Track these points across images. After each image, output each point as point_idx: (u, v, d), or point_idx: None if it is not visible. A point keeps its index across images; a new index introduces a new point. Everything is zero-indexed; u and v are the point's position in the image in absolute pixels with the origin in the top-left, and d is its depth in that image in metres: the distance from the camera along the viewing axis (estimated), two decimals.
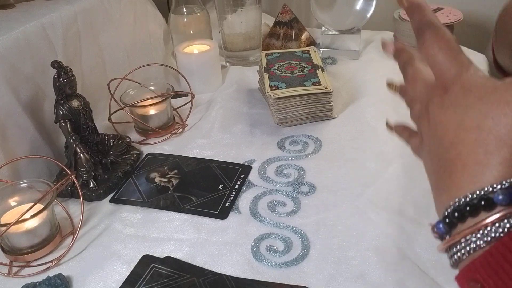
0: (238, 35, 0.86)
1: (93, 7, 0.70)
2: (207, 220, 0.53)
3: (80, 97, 0.58)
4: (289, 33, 0.89)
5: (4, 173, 0.54)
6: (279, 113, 0.67)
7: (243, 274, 0.46)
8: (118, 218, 0.54)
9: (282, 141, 0.66)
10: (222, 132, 0.69)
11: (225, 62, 0.89)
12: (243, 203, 0.55)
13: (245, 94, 0.78)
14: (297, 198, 0.55)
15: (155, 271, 0.46)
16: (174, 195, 0.57)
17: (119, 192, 0.58)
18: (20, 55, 0.57)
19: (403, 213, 0.51)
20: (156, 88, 0.71)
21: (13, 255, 0.49)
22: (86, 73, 0.69)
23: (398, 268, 0.45)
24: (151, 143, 0.68)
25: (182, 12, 0.86)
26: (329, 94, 0.67)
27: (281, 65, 0.73)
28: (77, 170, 0.57)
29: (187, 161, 0.63)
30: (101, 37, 0.72)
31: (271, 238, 0.50)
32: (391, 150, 0.61)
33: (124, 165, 0.62)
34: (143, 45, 0.82)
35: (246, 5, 0.83)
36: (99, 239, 0.51)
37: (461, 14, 0.86)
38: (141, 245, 0.50)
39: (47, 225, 0.50)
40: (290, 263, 0.46)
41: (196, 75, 0.77)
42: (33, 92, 0.59)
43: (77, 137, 0.57)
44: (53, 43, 0.62)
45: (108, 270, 0.47)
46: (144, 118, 0.68)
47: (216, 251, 0.49)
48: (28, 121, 0.58)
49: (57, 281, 0.45)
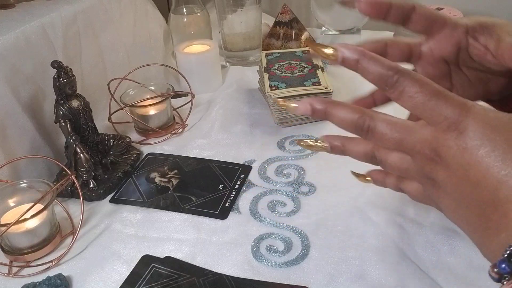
0: (238, 35, 0.86)
1: (93, 7, 0.70)
2: (207, 220, 0.53)
3: (80, 97, 0.58)
4: (289, 33, 0.89)
5: (4, 173, 0.54)
6: (279, 113, 0.67)
7: (243, 274, 0.46)
8: (118, 218, 0.54)
9: (282, 141, 0.66)
10: (222, 132, 0.69)
11: (225, 62, 0.89)
12: (243, 203, 0.55)
13: (245, 94, 0.78)
14: (297, 198, 0.55)
15: (155, 271, 0.46)
16: (174, 195, 0.57)
17: (119, 192, 0.58)
18: (20, 55, 0.57)
19: (403, 213, 0.51)
20: (156, 88, 0.71)
21: (13, 255, 0.49)
22: (86, 73, 0.69)
23: (398, 268, 0.45)
24: (151, 143, 0.68)
25: (182, 12, 0.86)
26: (329, 94, 0.67)
27: (281, 65, 0.73)
28: (77, 170, 0.57)
29: (187, 161, 0.63)
30: (101, 37, 0.72)
31: (271, 238, 0.50)
32: None
33: (124, 165, 0.62)
34: (143, 45, 0.82)
35: (246, 5, 0.83)
36: (99, 239, 0.51)
37: (461, 14, 0.86)
38: (141, 245, 0.50)
39: (47, 225, 0.50)
40: (290, 263, 0.46)
41: (196, 75, 0.77)
42: (33, 92, 0.59)
43: (77, 137, 0.57)
44: (53, 43, 0.62)
45: (108, 270, 0.47)
46: (144, 118, 0.68)
47: (216, 251, 0.49)
48: (28, 121, 0.58)
49: (57, 281, 0.45)
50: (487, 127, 0.27)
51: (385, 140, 0.31)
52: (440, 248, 0.47)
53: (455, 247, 0.46)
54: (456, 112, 0.28)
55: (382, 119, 0.31)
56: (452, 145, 0.28)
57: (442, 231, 0.48)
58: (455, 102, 0.28)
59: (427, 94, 0.29)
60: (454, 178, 0.29)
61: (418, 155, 0.30)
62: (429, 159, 0.30)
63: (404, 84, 0.29)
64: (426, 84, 0.29)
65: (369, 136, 0.32)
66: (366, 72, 0.31)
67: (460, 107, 0.28)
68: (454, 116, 0.28)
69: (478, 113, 0.28)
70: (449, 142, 0.28)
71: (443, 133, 0.29)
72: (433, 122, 0.29)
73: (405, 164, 0.32)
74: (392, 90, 0.30)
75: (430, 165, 0.30)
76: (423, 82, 0.29)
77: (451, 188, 0.29)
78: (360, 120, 0.32)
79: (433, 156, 0.29)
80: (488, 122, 0.27)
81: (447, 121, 0.28)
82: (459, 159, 0.28)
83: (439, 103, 0.28)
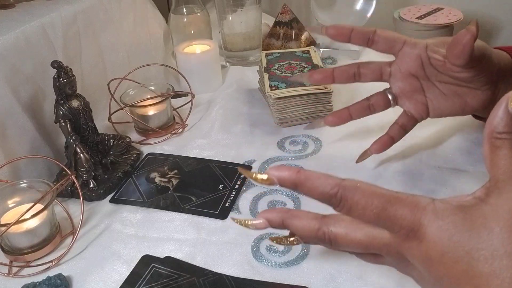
0: (238, 35, 0.86)
1: (93, 7, 0.70)
2: (207, 220, 0.53)
3: (80, 97, 0.58)
4: (289, 33, 0.89)
5: (4, 173, 0.54)
6: (279, 113, 0.67)
7: (243, 274, 0.46)
8: (118, 218, 0.54)
9: (282, 141, 0.66)
10: (222, 132, 0.69)
11: (225, 62, 0.89)
12: (243, 203, 0.55)
13: (245, 94, 0.78)
14: (297, 198, 0.55)
15: (155, 271, 0.46)
16: (174, 195, 0.57)
17: (119, 192, 0.58)
18: (20, 55, 0.57)
19: None
20: (156, 88, 0.71)
21: (13, 255, 0.49)
22: (86, 73, 0.69)
23: None
24: (151, 143, 0.68)
25: (182, 12, 0.86)
26: (329, 94, 0.67)
27: (281, 65, 0.73)
28: (77, 170, 0.57)
29: (187, 161, 0.63)
30: (101, 37, 0.72)
31: None
32: (391, 150, 0.61)
33: (124, 165, 0.62)
34: (143, 45, 0.82)
35: (246, 5, 0.83)
36: (99, 239, 0.51)
37: (461, 14, 0.86)
38: (141, 245, 0.50)
39: (47, 225, 0.50)
40: (290, 263, 0.46)
41: (196, 75, 0.77)
42: (33, 92, 0.59)
43: (77, 137, 0.57)
44: (53, 43, 0.62)
45: (108, 270, 0.47)
46: (144, 118, 0.68)
47: (216, 251, 0.49)
48: (28, 121, 0.58)
49: (57, 281, 0.45)
50: (444, 223, 0.26)
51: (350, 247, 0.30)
52: None
53: None
54: (410, 218, 0.27)
55: (343, 227, 0.30)
56: (415, 253, 0.27)
57: None
58: (407, 207, 0.27)
59: (376, 205, 0.27)
60: (426, 276, 0.28)
61: (387, 256, 0.30)
62: (398, 259, 0.30)
63: (350, 200, 0.28)
64: (373, 195, 0.27)
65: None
66: (309, 193, 0.29)
67: (412, 211, 0.27)
68: (409, 224, 0.27)
69: (432, 211, 0.27)
70: (413, 250, 0.27)
71: (404, 242, 0.28)
72: (392, 231, 0.28)
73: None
74: (339, 208, 0.29)
75: (400, 263, 0.30)
76: (369, 193, 0.28)
77: (424, 283, 0.30)
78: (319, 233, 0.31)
79: (402, 259, 0.29)
80: (443, 216, 0.26)
81: (404, 230, 0.27)
82: (426, 265, 0.27)
83: (391, 212, 0.27)
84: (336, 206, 0.29)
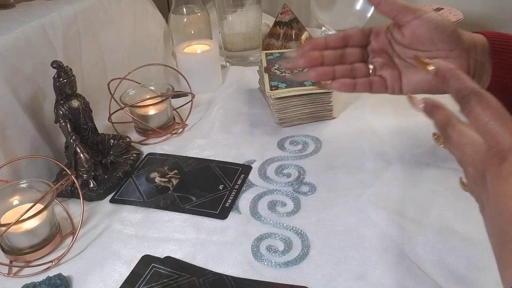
0: (238, 35, 0.86)
1: (93, 7, 0.70)
2: (207, 220, 0.53)
3: (80, 97, 0.58)
4: (289, 33, 0.89)
5: (4, 173, 0.54)
6: (279, 113, 0.67)
7: (243, 274, 0.46)
8: (118, 218, 0.54)
9: (282, 141, 0.66)
10: (222, 132, 0.69)
11: (225, 62, 0.89)
12: (243, 203, 0.55)
13: (245, 94, 0.78)
14: (297, 198, 0.55)
15: (155, 271, 0.46)
16: (174, 195, 0.57)
17: (119, 192, 0.58)
18: (20, 55, 0.57)
19: (403, 213, 0.51)
20: (156, 88, 0.71)
21: (13, 255, 0.49)
22: (86, 73, 0.69)
23: (398, 268, 0.45)
24: (151, 143, 0.68)
25: (182, 12, 0.86)
26: (329, 94, 0.67)
27: (281, 65, 0.73)
28: (77, 170, 0.57)
29: (187, 161, 0.63)
30: (101, 37, 0.72)
31: (271, 238, 0.50)
32: (391, 150, 0.61)
33: (124, 165, 0.62)
34: (143, 45, 0.82)
35: (246, 5, 0.83)
36: (99, 239, 0.51)
37: (461, 14, 0.86)
38: (141, 245, 0.50)
39: (47, 225, 0.50)
40: (290, 263, 0.46)
41: (196, 75, 0.77)
42: (33, 92, 0.59)
43: (77, 137, 0.57)
44: (53, 43, 0.62)
45: (108, 270, 0.47)
46: (144, 118, 0.68)
47: (216, 251, 0.49)
48: (28, 121, 0.58)
49: (57, 281, 0.45)
50: None
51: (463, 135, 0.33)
52: (440, 248, 0.47)
53: (455, 247, 0.46)
54: (508, 141, 0.29)
55: (455, 128, 0.34)
56: (493, 171, 0.30)
57: (442, 231, 0.49)
58: (507, 134, 0.29)
59: (488, 116, 0.30)
60: (489, 202, 0.30)
61: (473, 167, 0.33)
62: (477, 177, 0.32)
63: (472, 104, 0.31)
64: (491, 107, 0.30)
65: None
66: (449, 85, 0.33)
67: (510, 137, 0.29)
68: (505, 145, 0.29)
69: None
70: (492, 168, 0.30)
71: (490, 158, 0.30)
72: (489, 145, 0.30)
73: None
74: (464, 107, 0.32)
75: (477, 183, 0.32)
76: (491, 105, 0.30)
77: (487, 209, 0.31)
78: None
79: (478, 176, 0.32)
80: None
81: (497, 147, 0.30)
82: (494, 186, 0.30)
83: (498, 129, 0.30)
84: (464, 104, 0.32)
